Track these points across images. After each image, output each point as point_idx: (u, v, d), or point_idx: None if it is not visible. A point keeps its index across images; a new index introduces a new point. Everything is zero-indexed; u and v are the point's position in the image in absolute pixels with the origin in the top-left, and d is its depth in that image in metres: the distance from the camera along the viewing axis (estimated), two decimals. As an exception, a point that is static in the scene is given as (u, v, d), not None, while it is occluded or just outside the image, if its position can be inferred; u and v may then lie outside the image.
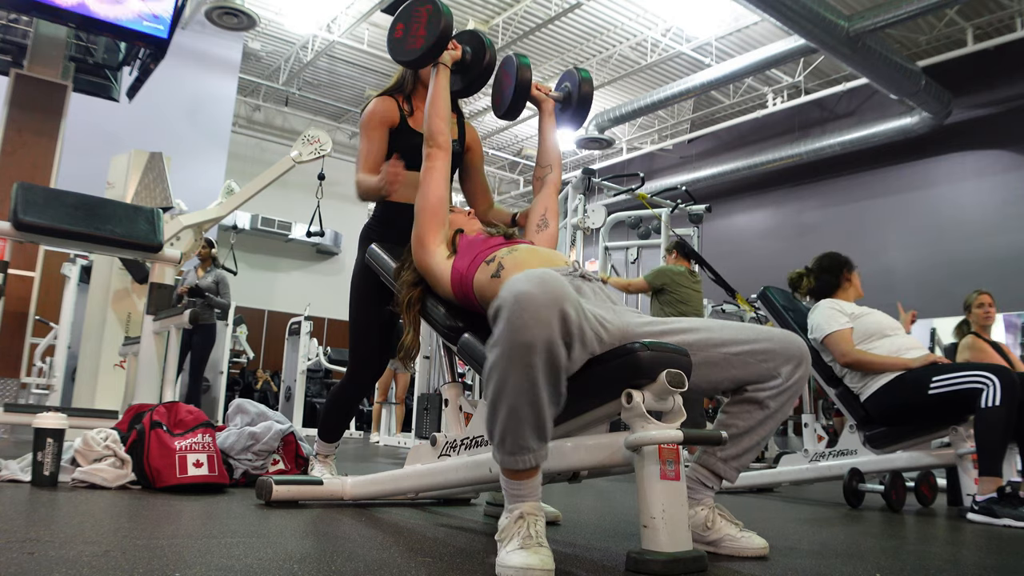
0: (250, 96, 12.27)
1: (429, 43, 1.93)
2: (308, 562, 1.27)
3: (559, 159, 2.22)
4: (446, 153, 1.94)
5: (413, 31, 1.97)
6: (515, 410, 1.28)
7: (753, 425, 1.57)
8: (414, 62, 2.01)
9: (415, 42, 1.96)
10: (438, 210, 1.89)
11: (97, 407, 4.40)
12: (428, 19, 1.93)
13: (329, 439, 2.46)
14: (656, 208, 6.87)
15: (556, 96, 2.20)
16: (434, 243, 1.85)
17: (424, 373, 5.78)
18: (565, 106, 2.21)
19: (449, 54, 2.00)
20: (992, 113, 8.83)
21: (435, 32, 1.92)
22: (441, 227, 1.88)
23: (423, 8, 1.95)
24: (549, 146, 2.19)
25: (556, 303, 1.26)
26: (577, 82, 2.18)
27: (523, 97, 2.12)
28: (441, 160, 1.93)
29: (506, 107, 2.15)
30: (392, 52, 2.03)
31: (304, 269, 13.36)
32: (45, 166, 4.29)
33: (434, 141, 1.94)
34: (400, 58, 2.02)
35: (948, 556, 1.82)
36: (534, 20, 9.10)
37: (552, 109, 2.19)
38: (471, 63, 2.09)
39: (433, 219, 1.88)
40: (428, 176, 1.93)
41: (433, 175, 1.92)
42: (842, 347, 2.91)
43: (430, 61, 1.99)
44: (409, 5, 1.99)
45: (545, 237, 2.06)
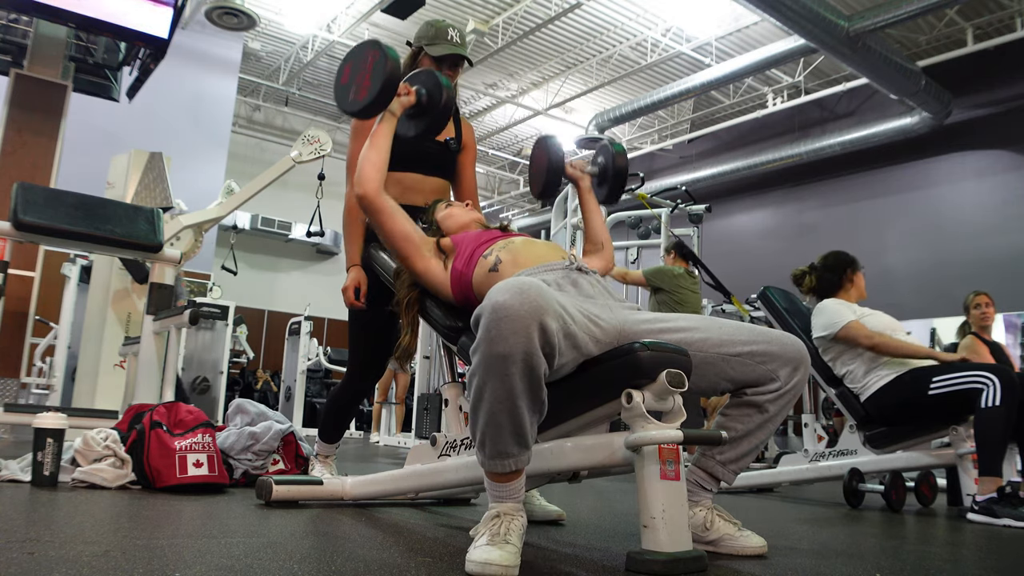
0: (250, 96, 12.27)
1: (373, 95, 1.80)
2: (308, 562, 1.27)
3: (607, 235, 2.16)
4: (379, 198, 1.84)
5: (358, 79, 1.84)
6: (494, 417, 1.29)
7: (752, 429, 1.57)
8: (360, 113, 1.87)
9: (359, 92, 1.84)
10: (406, 243, 1.84)
11: (97, 407, 4.40)
12: (374, 67, 1.80)
13: (329, 440, 2.46)
14: (656, 208, 6.87)
15: (592, 171, 2.17)
16: (422, 264, 1.83)
17: (424, 373, 5.79)
18: (601, 181, 2.18)
19: (399, 101, 1.87)
20: (992, 113, 8.83)
21: (379, 82, 1.78)
22: (419, 249, 1.84)
23: (369, 54, 1.83)
24: (595, 225, 2.13)
25: (535, 315, 1.25)
26: (611, 156, 2.14)
27: (558, 175, 2.11)
28: (380, 203, 1.84)
29: (542, 187, 2.13)
30: (338, 101, 1.91)
31: (304, 269, 13.37)
32: (45, 166, 4.29)
33: (362, 190, 1.84)
34: (346, 109, 1.90)
35: (948, 556, 1.82)
36: (534, 20, 9.10)
37: (590, 185, 2.15)
38: (427, 106, 1.92)
39: (409, 249, 1.84)
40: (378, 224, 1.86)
41: (381, 221, 1.85)
42: (863, 331, 2.89)
43: (376, 113, 1.87)
44: (355, 50, 1.89)
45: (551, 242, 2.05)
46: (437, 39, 2.28)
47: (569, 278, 1.64)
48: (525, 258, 1.70)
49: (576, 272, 1.67)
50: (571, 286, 1.63)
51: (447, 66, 2.28)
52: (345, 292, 2.20)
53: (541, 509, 2.00)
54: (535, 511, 1.98)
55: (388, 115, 1.88)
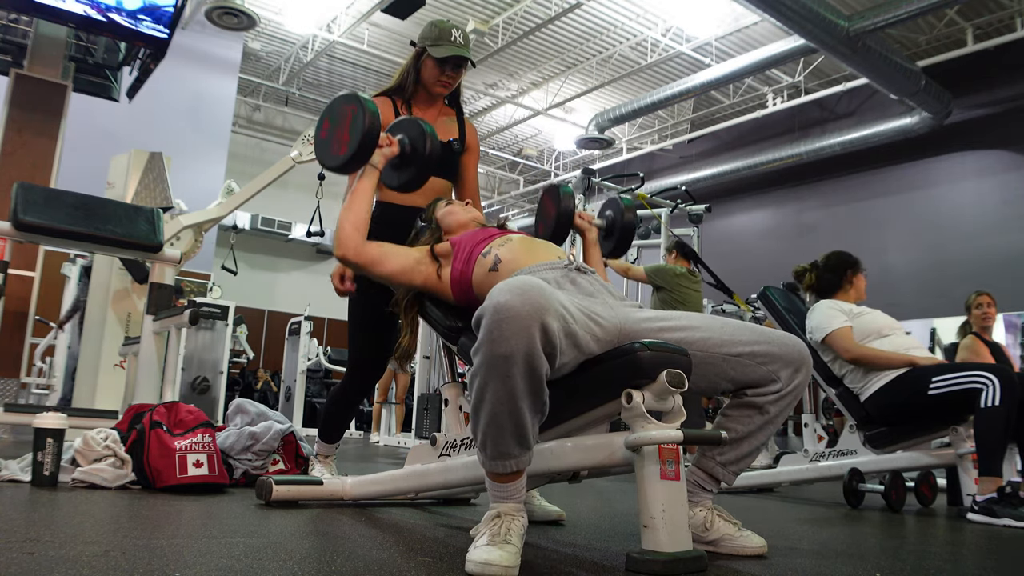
0: (250, 96, 12.27)
1: (352, 150, 1.77)
2: (308, 562, 1.27)
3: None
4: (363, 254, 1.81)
5: (338, 135, 1.81)
6: (495, 418, 1.29)
7: (752, 430, 1.56)
8: (340, 168, 1.83)
9: (339, 148, 1.80)
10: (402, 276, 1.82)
11: (97, 407, 4.40)
12: (352, 122, 1.77)
13: (329, 440, 2.46)
14: (655, 208, 6.87)
15: (599, 224, 2.19)
16: (420, 280, 1.83)
17: (424, 373, 5.79)
18: (608, 234, 2.20)
19: (381, 154, 1.83)
20: (992, 113, 8.83)
21: (358, 137, 1.75)
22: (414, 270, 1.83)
23: (348, 108, 1.80)
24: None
25: (536, 315, 1.25)
26: (620, 210, 2.16)
27: (567, 226, 2.13)
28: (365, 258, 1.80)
29: (549, 236, 2.15)
30: (318, 156, 1.88)
31: (304, 269, 13.37)
32: (45, 166, 4.29)
33: (343, 253, 1.80)
34: (326, 164, 1.86)
35: (948, 556, 1.82)
36: (534, 20, 9.10)
37: (596, 238, 2.17)
38: (411, 156, 1.89)
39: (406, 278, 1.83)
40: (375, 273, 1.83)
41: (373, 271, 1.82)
42: (844, 343, 2.90)
43: (357, 167, 1.83)
44: (333, 103, 1.86)
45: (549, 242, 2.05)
46: (440, 40, 2.27)
47: (568, 277, 1.64)
48: (524, 257, 1.69)
49: (575, 272, 1.67)
50: (570, 285, 1.62)
51: (450, 67, 2.27)
52: (332, 278, 2.22)
53: (541, 509, 2.00)
54: (535, 511, 1.98)
55: (370, 168, 1.84)
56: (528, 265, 1.66)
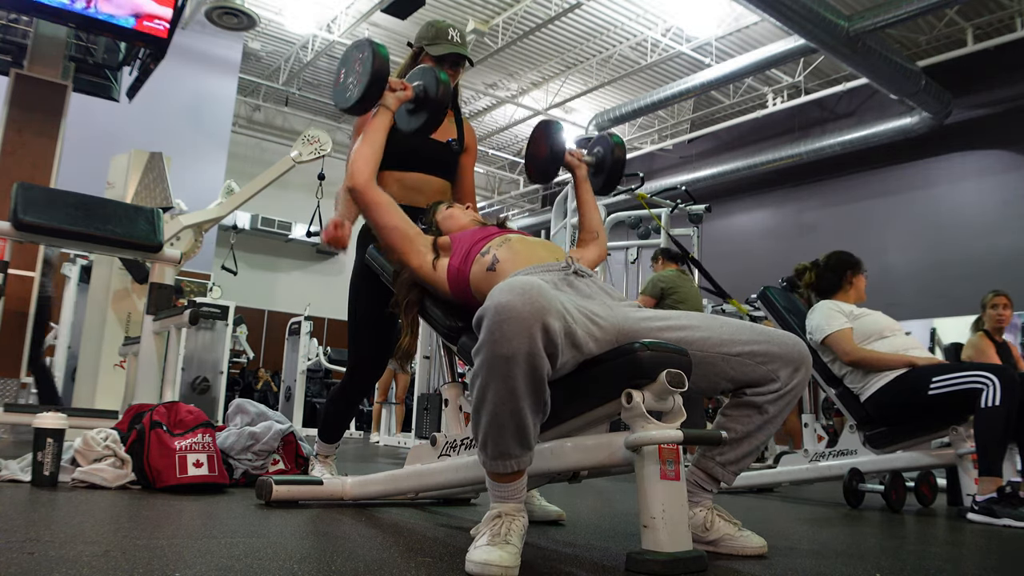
0: (250, 96, 12.27)
1: (362, 88, 1.84)
2: (308, 562, 1.27)
3: (602, 225, 2.21)
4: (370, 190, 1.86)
5: (351, 77, 1.89)
6: (496, 418, 1.29)
7: (752, 430, 1.56)
8: (352, 109, 1.90)
9: (351, 89, 1.88)
10: (400, 239, 1.85)
11: (97, 407, 4.39)
12: (362, 64, 1.85)
13: (329, 439, 2.46)
14: (654, 208, 6.87)
15: (588, 161, 2.20)
16: (418, 259, 1.84)
17: (424, 373, 5.79)
18: (598, 171, 2.21)
19: (395, 96, 1.89)
20: (992, 113, 8.83)
21: (368, 76, 1.82)
22: (413, 245, 1.85)
23: (359, 53, 1.87)
24: (590, 214, 2.18)
25: (538, 316, 1.25)
26: (610, 147, 2.17)
27: (557, 162, 2.13)
28: (372, 196, 1.86)
29: (541, 172, 2.15)
30: (335, 101, 1.96)
31: (304, 269, 13.37)
32: (45, 166, 4.28)
33: (353, 183, 1.85)
34: (340, 106, 1.93)
35: (948, 556, 1.82)
36: (534, 20, 9.10)
37: (586, 175, 2.18)
38: (424, 101, 1.95)
39: (404, 244, 1.85)
40: (371, 218, 1.87)
41: (374, 215, 1.86)
42: (844, 346, 2.90)
43: (368, 108, 1.89)
44: (348, 51, 1.93)
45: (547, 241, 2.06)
46: (438, 39, 2.30)
47: (566, 280, 1.64)
48: (523, 258, 1.69)
49: (573, 275, 1.66)
50: (568, 287, 1.62)
51: (448, 66, 2.29)
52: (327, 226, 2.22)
53: (541, 509, 2.00)
54: (535, 511, 1.98)
55: (383, 109, 1.90)
56: (526, 266, 1.66)
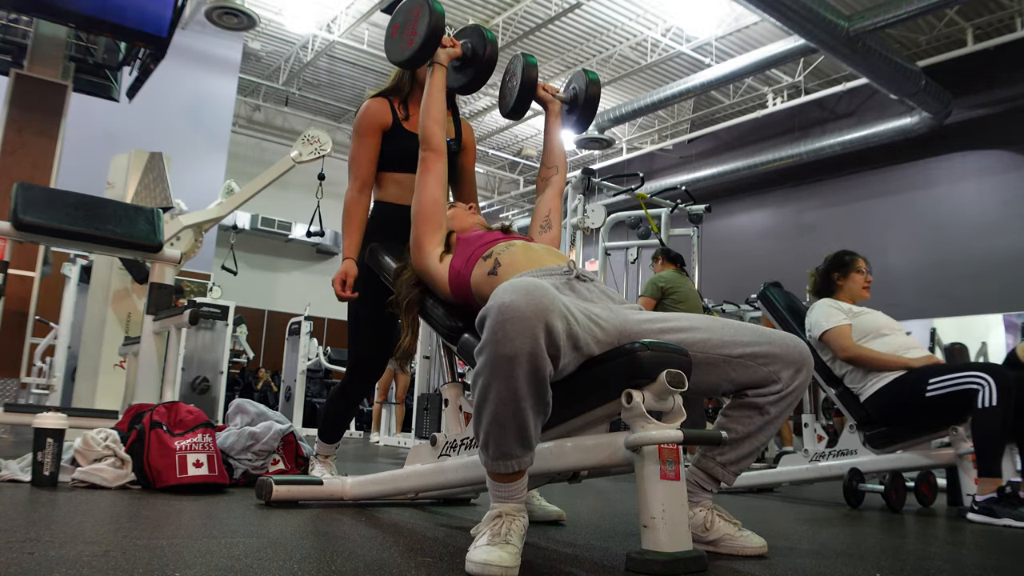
0: (250, 96, 12.27)
1: (419, 43, 1.91)
2: (308, 562, 1.27)
3: (565, 161, 2.22)
4: (441, 156, 1.93)
5: (407, 32, 1.95)
6: (498, 418, 1.29)
7: (753, 430, 1.56)
8: (407, 62, 1.98)
9: (407, 43, 1.94)
10: (433, 214, 1.87)
11: (97, 407, 4.40)
12: (419, 20, 1.91)
13: (329, 439, 2.46)
14: (652, 209, 6.87)
15: (563, 97, 2.20)
16: (431, 246, 1.84)
17: (424, 373, 5.79)
18: (571, 108, 2.21)
19: (446, 52, 1.97)
20: (992, 113, 8.83)
21: (425, 32, 1.89)
22: (438, 230, 1.87)
23: (416, 7, 1.93)
24: (555, 147, 2.18)
25: (541, 316, 1.25)
26: (584, 84, 2.17)
27: (529, 96, 2.13)
28: (437, 163, 1.92)
29: (512, 106, 2.15)
30: (388, 52, 2.03)
31: (304, 269, 13.37)
32: (45, 166, 4.28)
33: (427, 144, 1.93)
34: (394, 58, 2.00)
35: (948, 556, 1.82)
36: (534, 20, 9.10)
37: (558, 111, 2.18)
38: (471, 59, 2.05)
39: (429, 223, 1.86)
40: (423, 180, 1.91)
41: (428, 178, 1.91)
42: (841, 342, 2.90)
43: (423, 61, 1.96)
44: (404, 4, 1.98)
45: (548, 238, 2.05)
46: None
47: (568, 284, 1.64)
48: (524, 262, 1.69)
49: (575, 279, 1.66)
50: (570, 291, 1.62)
51: None
52: (334, 283, 2.23)
53: (541, 509, 2.00)
54: (535, 511, 1.98)
55: (438, 67, 1.97)
56: (528, 271, 1.66)
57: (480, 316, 1.30)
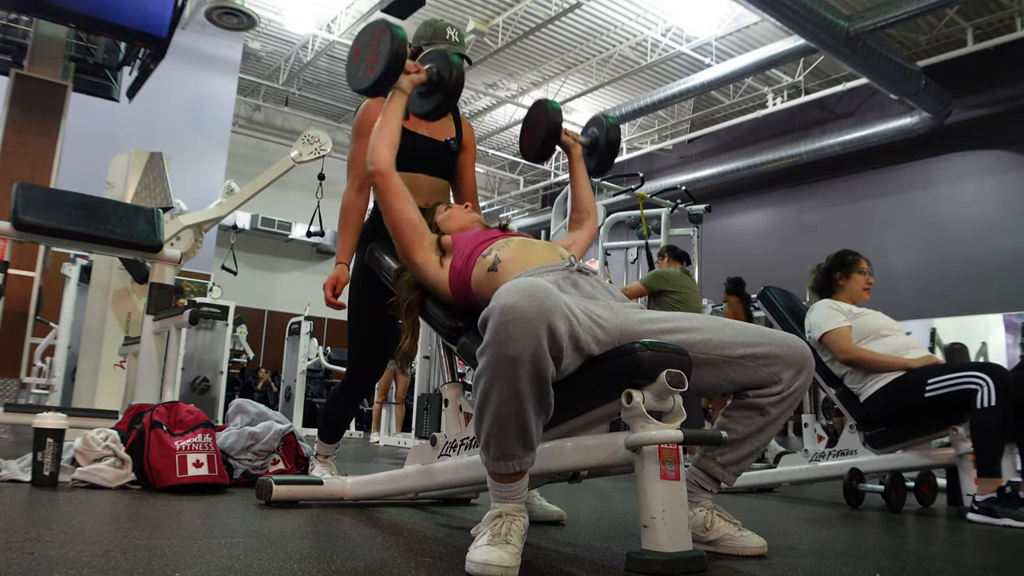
0: (250, 96, 12.27)
1: (380, 71, 1.83)
2: (308, 562, 1.27)
3: (594, 203, 2.22)
4: (390, 175, 1.86)
5: (368, 57, 1.88)
6: (499, 418, 1.29)
7: (753, 431, 1.56)
8: (368, 90, 1.89)
9: (368, 70, 1.87)
10: (408, 228, 1.84)
11: (97, 407, 4.39)
12: (380, 45, 1.84)
13: (329, 439, 2.46)
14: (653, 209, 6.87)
15: (583, 141, 2.22)
16: (422, 256, 1.83)
17: (424, 373, 5.79)
18: (592, 151, 2.23)
19: (409, 79, 1.89)
20: (992, 113, 8.83)
21: (385, 60, 1.81)
22: (421, 241, 1.85)
23: (376, 32, 1.87)
24: (583, 192, 2.19)
25: (544, 317, 1.25)
26: (604, 128, 2.19)
27: (553, 141, 2.15)
28: (390, 182, 1.86)
29: (536, 150, 2.16)
30: (348, 79, 1.95)
31: (304, 269, 13.37)
32: (45, 166, 4.28)
33: (375, 167, 1.86)
34: (355, 86, 1.92)
35: (948, 556, 1.82)
36: (534, 20, 9.10)
37: (581, 154, 2.20)
38: (437, 84, 1.95)
39: (410, 241, 1.84)
40: (385, 201, 1.86)
41: (388, 198, 1.86)
42: (841, 344, 2.90)
43: (385, 90, 1.89)
44: (366, 29, 1.92)
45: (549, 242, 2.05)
46: (435, 39, 2.28)
47: (569, 279, 1.64)
48: (524, 258, 1.69)
49: (576, 273, 1.66)
50: (572, 287, 1.62)
51: None
52: (325, 288, 2.23)
53: (542, 509, 2.00)
54: (535, 511, 1.98)
55: (398, 92, 1.91)
56: (528, 267, 1.66)
57: (482, 317, 1.30)
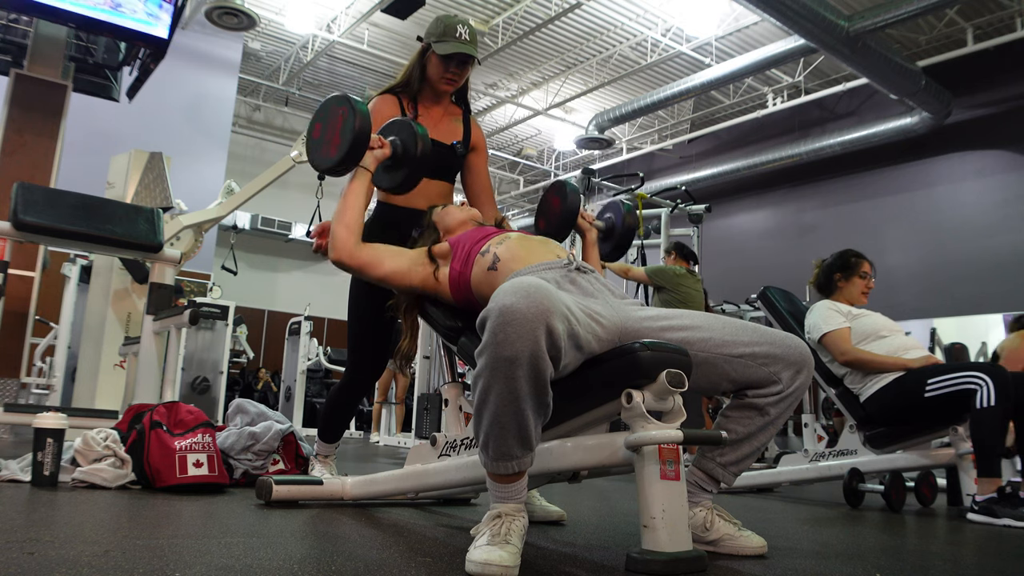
0: (250, 96, 12.27)
1: (344, 150, 1.75)
2: (308, 562, 1.27)
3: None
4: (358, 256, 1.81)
5: (328, 136, 1.80)
6: (498, 419, 1.29)
7: (753, 431, 1.56)
8: (332, 170, 1.81)
9: (330, 148, 1.79)
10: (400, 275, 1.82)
11: (97, 407, 4.40)
12: (343, 124, 1.76)
13: (329, 439, 2.45)
14: (653, 209, 6.88)
15: (599, 226, 2.23)
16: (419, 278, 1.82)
17: (424, 373, 5.78)
18: (607, 237, 2.24)
19: (372, 155, 1.83)
20: (992, 113, 8.83)
21: (349, 139, 1.74)
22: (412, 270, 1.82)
23: (339, 110, 1.79)
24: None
25: (542, 317, 1.25)
26: (621, 215, 2.21)
27: (570, 224, 2.16)
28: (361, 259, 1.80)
29: (552, 231, 2.18)
30: (309, 157, 1.87)
31: (304, 269, 13.37)
32: (45, 166, 4.29)
33: (337, 257, 1.80)
34: (318, 166, 1.84)
35: (948, 556, 1.82)
36: (534, 20, 9.10)
37: (595, 239, 2.22)
38: (402, 158, 1.88)
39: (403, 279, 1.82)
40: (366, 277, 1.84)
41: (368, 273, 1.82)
42: (841, 346, 2.90)
43: (348, 169, 1.81)
44: (326, 104, 1.85)
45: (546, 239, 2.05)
46: (445, 36, 2.20)
47: (568, 277, 1.64)
48: (523, 256, 1.69)
49: (575, 271, 1.66)
50: (570, 284, 1.62)
51: (454, 64, 2.21)
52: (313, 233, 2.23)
53: (542, 509, 2.00)
54: (535, 511, 1.97)
55: (361, 171, 1.83)
56: (527, 265, 1.66)
57: (481, 318, 1.30)
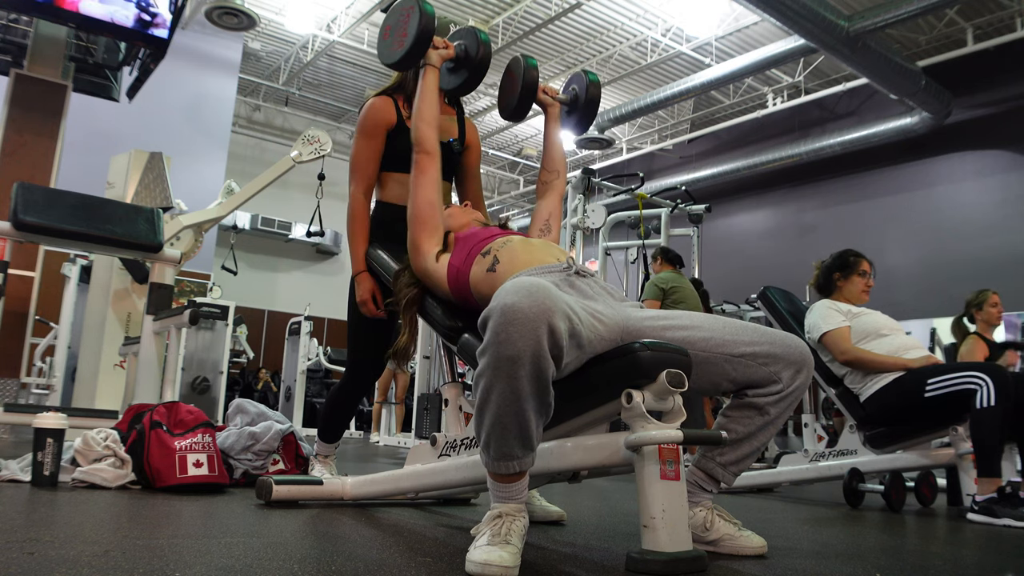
0: (250, 96, 12.27)
1: (409, 44, 1.91)
2: (308, 562, 1.27)
3: (565, 164, 2.22)
4: (434, 158, 1.93)
5: (398, 33, 1.95)
6: (499, 419, 1.29)
7: (753, 431, 1.56)
8: (398, 63, 1.97)
9: (398, 44, 1.95)
10: (430, 216, 1.88)
11: (97, 407, 4.40)
12: (410, 20, 1.92)
13: (329, 439, 2.45)
14: (653, 209, 6.87)
15: (562, 99, 2.19)
16: (428, 246, 1.85)
17: (424, 373, 5.78)
18: (571, 109, 2.20)
19: (437, 54, 1.97)
20: (992, 113, 8.83)
21: (415, 32, 1.89)
22: (435, 232, 1.87)
23: (407, 9, 1.93)
24: (555, 151, 2.18)
25: (544, 317, 1.25)
26: (584, 85, 2.17)
27: (529, 99, 2.13)
28: (430, 165, 1.92)
29: (512, 108, 2.15)
30: (380, 54, 2.03)
31: (304, 269, 13.37)
32: (45, 166, 4.29)
33: (420, 147, 1.92)
34: (386, 60, 1.99)
35: (948, 556, 1.82)
36: (534, 20, 9.10)
37: (558, 113, 2.19)
38: (464, 60, 2.04)
39: (425, 226, 1.87)
40: (418, 182, 1.91)
41: (422, 180, 1.91)
42: (841, 345, 2.90)
43: (414, 63, 1.97)
44: (396, 6, 1.98)
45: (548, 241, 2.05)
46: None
47: (568, 281, 1.63)
48: (523, 259, 1.69)
49: (575, 275, 1.66)
50: (569, 288, 1.61)
51: None
52: (364, 305, 2.17)
53: (542, 509, 2.00)
54: (536, 511, 1.97)
55: (429, 68, 1.97)
56: (526, 268, 1.66)
57: (482, 317, 1.30)
